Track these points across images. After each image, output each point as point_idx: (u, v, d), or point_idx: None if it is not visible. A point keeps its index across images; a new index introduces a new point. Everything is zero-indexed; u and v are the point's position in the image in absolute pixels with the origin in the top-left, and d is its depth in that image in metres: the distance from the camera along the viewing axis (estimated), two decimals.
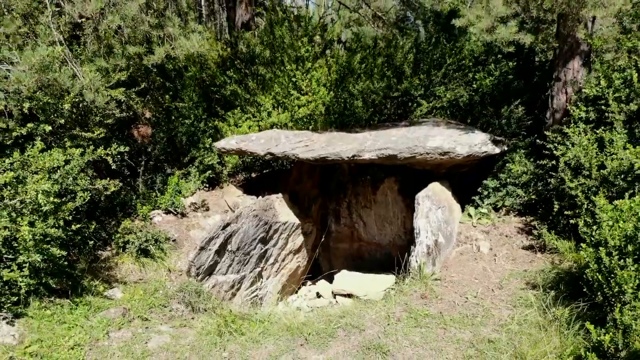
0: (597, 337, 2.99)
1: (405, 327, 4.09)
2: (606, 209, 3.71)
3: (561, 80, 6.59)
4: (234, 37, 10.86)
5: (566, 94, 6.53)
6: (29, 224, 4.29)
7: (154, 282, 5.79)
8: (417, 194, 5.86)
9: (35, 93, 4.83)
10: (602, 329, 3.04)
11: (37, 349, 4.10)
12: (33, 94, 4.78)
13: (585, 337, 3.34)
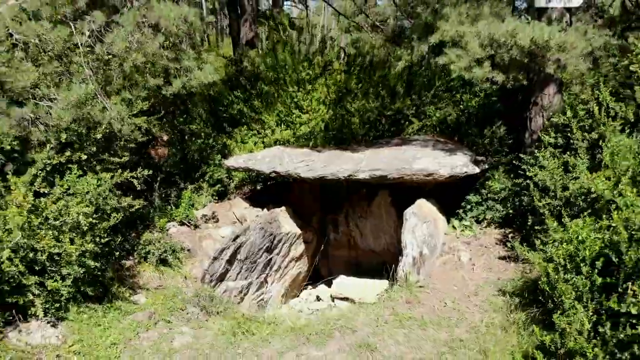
0: (541, 338, 3.72)
1: (391, 328, 4.84)
2: (557, 229, 4.44)
3: (538, 104, 7.32)
4: (238, 55, 11.62)
5: (542, 117, 7.26)
6: (70, 241, 5.04)
7: (172, 288, 6.52)
8: (405, 211, 6.61)
9: (70, 124, 5.57)
10: (545, 331, 3.77)
11: (79, 348, 4.85)
12: (69, 126, 5.53)
13: (535, 338, 4.07)
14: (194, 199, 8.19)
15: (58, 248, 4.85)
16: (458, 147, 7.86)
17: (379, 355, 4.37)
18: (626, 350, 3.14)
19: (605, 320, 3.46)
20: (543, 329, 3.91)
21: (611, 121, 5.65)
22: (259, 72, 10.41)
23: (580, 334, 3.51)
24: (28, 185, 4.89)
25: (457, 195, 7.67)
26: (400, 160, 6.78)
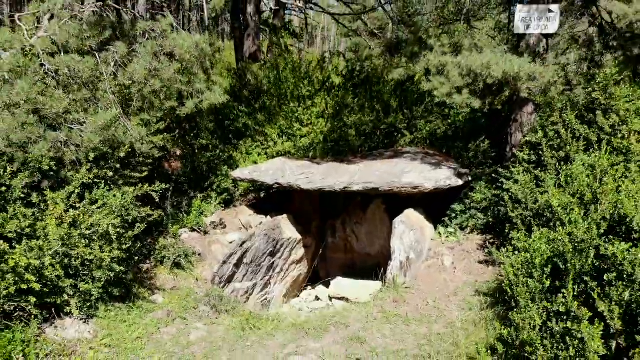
0: (500, 331, 4.47)
1: (379, 324, 5.58)
2: (521, 239, 5.17)
3: (518, 121, 8.06)
4: (242, 69, 12.35)
5: (521, 133, 8.00)
6: (99, 248, 5.79)
7: (185, 289, 7.27)
8: (394, 220, 7.35)
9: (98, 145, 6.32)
10: (504, 326, 4.52)
11: (109, 341, 5.60)
12: (97, 146, 6.27)
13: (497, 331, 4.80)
14: (203, 207, 8.94)
15: (90, 255, 5.61)
16: (445, 160, 8.61)
17: (367, 347, 5.11)
18: (563, 341, 3.88)
19: (553, 316, 4.20)
20: (504, 324, 4.65)
21: (576, 142, 6.40)
22: (262, 86, 11.16)
23: (533, 328, 4.25)
24: (65, 200, 5.64)
25: (443, 204, 8.40)
26: (390, 174, 7.53)
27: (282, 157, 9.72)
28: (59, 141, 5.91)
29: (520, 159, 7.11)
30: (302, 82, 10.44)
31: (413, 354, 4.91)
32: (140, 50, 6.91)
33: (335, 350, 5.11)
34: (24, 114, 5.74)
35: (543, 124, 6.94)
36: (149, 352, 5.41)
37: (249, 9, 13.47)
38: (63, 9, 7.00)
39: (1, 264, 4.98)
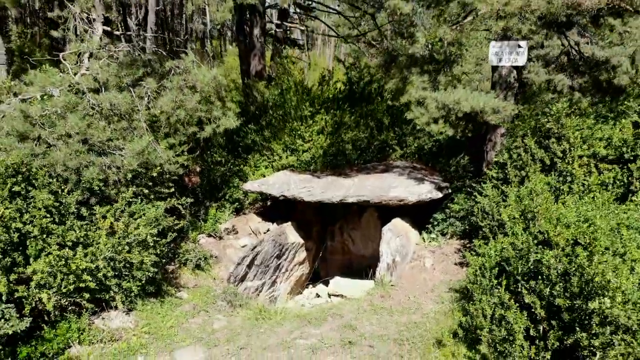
0: (459, 320, 5.72)
1: (368, 315, 6.84)
2: (482, 246, 6.42)
3: (492, 141, 9.30)
4: (249, 86, 13.59)
5: (494, 152, 9.24)
6: (138, 253, 7.06)
7: (205, 287, 8.54)
8: (383, 228, 8.61)
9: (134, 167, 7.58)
10: (463, 315, 5.77)
11: (148, 329, 6.87)
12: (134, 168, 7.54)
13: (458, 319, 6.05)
14: (218, 215, 10.21)
15: (132, 259, 6.88)
16: (430, 174, 9.87)
17: (358, 333, 6.36)
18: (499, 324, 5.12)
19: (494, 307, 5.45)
20: (464, 314, 5.91)
21: (534, 164, 7.64)
22: (267, 103, 12.40)
23: (484, 317, 5.50)
24: (113, 214, 6.93)
25: (428, 213, 9.64)
26: (380, 188, 8.78)
27: (286, 170, 10.98)
28: (105, 165, 7.17)
29: (489, 176, 8.35)
30: (304, 103, 11.69)
31: (394, 338, 6.16)
32: (168, 85, 8.18)
33: (331, 335, 6.36)
34: (76, 143, 7.02)
35: (509, 147, 8.18)
36: (181, 337, 6.67)
37: (255, 31, 14.71)
38: (100, 49, 8.29)
39: (65, 267, 6.25)
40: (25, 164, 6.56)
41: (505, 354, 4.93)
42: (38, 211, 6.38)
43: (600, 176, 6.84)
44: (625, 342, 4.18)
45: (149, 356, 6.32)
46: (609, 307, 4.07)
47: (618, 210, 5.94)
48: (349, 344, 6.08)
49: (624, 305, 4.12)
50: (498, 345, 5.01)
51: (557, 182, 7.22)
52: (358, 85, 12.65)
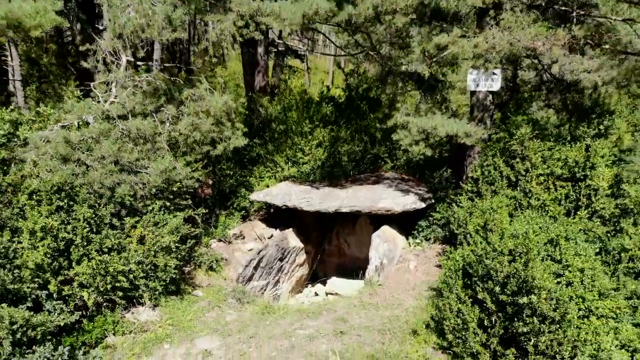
0: (431, 313, 6.95)
1: (357, 310, 8.07)
2: (453, 252, 7.64)
3: (471, 156, 10.53)
4: (253, 100, 14.79)
5: (472, 167, 10.46)
6: (162, 257, 8.30)
7: (217, 286, 9.77)
8: (372, 234, 9.84)
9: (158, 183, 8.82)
10: (434, 309, 6.99)
11: (171, 322, 8.10)
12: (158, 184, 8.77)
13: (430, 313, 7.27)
14: (227, 222, 11.44)
15: (157, 262, 8.13)
16: (416, 185, 11.10)
17: (348, 324, 7.60)
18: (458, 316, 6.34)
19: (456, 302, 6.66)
20: (435, 308, 7.13)
21: (501, 180, 8.86)
22: (270, 117, 13.61)
23: (451, 311, 6.72)
24: (142, 225, 8.18)
25: (414, 220, 10.86)
26: (370, 199, 10.01)
27: (287, 181, 12.21)
28: (133, 182, 8.41)
29: (465, 189, 9.58)
30: (304, 120, 12.92)
31: (378, 329, 7.39)
32: (186, 111, 9.41)
33: (326, 326, 7.60)
34: (109, 164, 8.26)
35: (482, 164, 9.40)
36: (199, 328, 7.92)
37: (259, 50, 15.92)
38: (126, 78, 9.52)
39: (103, 270, 7.49)
40: (67, 182, 7.80)
41: (463, 339, 6.17)
42: (79, 223, 7.62)
43: (555, 193, 8.06)
44: (551, 331, 5.40)
45: (173, 344, 7.56)
46: (536, 302, 5.29)
47: (564, 223, 7.17)
48: (340, 334, 7.31)
49: (548, 301, 5.34)
50: (458, 333, 6.25)
51: (520, 197, 8.44)
52: (357, 92, 13.89)
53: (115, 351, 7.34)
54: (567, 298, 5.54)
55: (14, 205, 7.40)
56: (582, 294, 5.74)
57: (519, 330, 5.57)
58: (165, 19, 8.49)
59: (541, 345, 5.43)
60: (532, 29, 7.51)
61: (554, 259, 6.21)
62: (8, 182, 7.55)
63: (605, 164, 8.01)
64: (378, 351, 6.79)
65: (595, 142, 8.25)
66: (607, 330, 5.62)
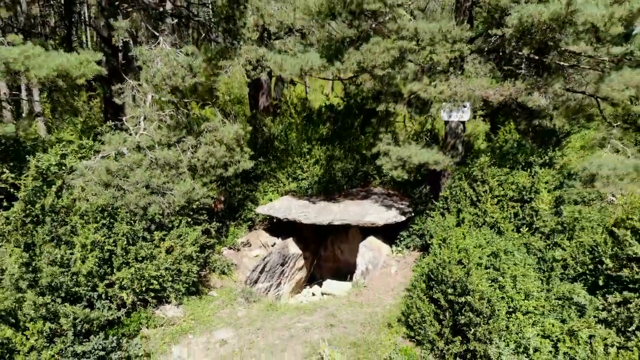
0: (402, 310, 8.74)
1: (345, 307, 9.87)
2: (422, 259, 9.42)
3: (445, 176, 12.31)
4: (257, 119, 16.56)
5: (445, 185, 12.24)
6: (185, 264, 10.12)
7: (229, 288, 11.58)
8: (360, 243, 11.64)
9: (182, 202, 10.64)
10: (404, 306, 8.78)
11: (193, 317, 9.92)
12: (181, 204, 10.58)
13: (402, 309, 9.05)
14: (236, 232, 13.26)
15: (181, 268, 9.95)
16: (399, 199, 12.89)
17: (337, 319, 9.39)
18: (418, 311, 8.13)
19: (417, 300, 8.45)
20: (405, 306, 8.92)
21: (465, 200, 10.65)
22: (273, 136, 15.40)
23: (416, 307, 8.51)
24: (170, 238, 10.00)
25: (397, 231, 12.65)
26: (358, 214, 11.81)
27: (288, 196, 14.01)
28: (161, 202, 10.23)
29: (437, 206, 11.37)
30: (302, 142, 14.72)
31: (361, 322, 9.20)
32: (203, 140, 11.21)
33: (319, 320, 9.41)
34: (142, 188, 10.08)
35: (450, 185, 11.19)
36: (216, 322, 9.74)
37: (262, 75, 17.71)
38: (152, 112, 11.33)
39: (139, 275, 9.31)
40: (109, 204, 9.63)
41: (423, 330, 7.97)
42: (119, 237, 9.45)
43: (506, 212, 9.85)
44: (484, 323, 7.20)
45: (196, 335, 9.39)
46: (471, 301, 7.09)
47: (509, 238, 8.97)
48: (330, 326, 9.13)
49: (481, 301, 7.14)
50: (419, 325, 8.05)
51: (480, 214, 10.23)
52: (355, 100, 15.66)
53: (150, 340, 9.16)
54: (499, 298, 7.34)
55: (68, 224, 9.21)
56: (511, 295, 7.53)
57: (462, 322, 7.37)
58: (187, 67, 10.30)
59: (478, 334, 7.22)
60: (485, 80, 9.29)
61: (495, 267, 8.00)
62: (62, 204, 9.36)
63: (547, 189, 9.79)
64: (359, 339, 8.61)
65: (541, 169, 10.04)
66: (530, 323, 7.41)
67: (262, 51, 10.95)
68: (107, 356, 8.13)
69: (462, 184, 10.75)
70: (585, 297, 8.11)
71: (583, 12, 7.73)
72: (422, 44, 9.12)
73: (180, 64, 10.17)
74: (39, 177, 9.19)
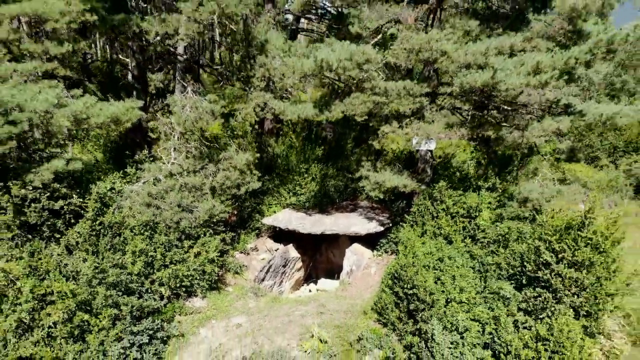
0: (375, 301, 11.57)
1: (333, 300, 12.74)
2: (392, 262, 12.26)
3: (417, 194, 15.17)
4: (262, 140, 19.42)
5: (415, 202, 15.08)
6: (208, 265, 13.02)
7: (241, 285, 14.46)
8: (346, 249, 14.51)
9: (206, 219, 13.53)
10: (377, 298, 11.62)
11: (215, 307, 12.82)
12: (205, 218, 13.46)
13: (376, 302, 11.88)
14: (246, 239, 16.15)
15: (206, 269, 12.85)
16: (381, 212, 15.74)
17: (326, 308, 12.24)
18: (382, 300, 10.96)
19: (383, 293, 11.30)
20: (377, 298, 11.76)
21: (427, 214, 13.47)
22: (276, 155, 18.27)
23: (383, 299, 11.35)
24: (197, 245, 12.91)
25: (378, 238, 15.49)
26: (345, 225, 14.67)
27: (289, 208, 16.88)
28: (190, 218, 13.12)
29: (407, 219, 14.22)
30: (301, 163, 17.60)
31: (344, 310, 12.05)
32: (221, 167, 14.10)
33: (312, 310, 12.27)
34: (175, 207, 12.97)
35: (417, 202, 14.03)
36: (232, 311, 12.63)
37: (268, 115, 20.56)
38: (180, 145, 14.22)
39: (174, 274, 12.21)
40: (150, 220, 12.52)
41: (387, 315, 10.83)
42: (158, 245, 12.34)
43: (456, 226, 12.69)
44: (427, 309, 10.05)
45: (217, 320, 12.27)
46: (417, 293, 9.94)
47: (456, 247, 11.82)
48: (320, 313, 12.00)
49: (425, 293, 9.99)
50: (385, 311, 10.91)
51: (436, 228, 13.08)
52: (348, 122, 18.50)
53: (182, 324, 12.05)
54: (439, 292, 10.19)
55: (121, 236, 12.11)
56: (449, 289, 10.37)
57: (412, 309, 10.24)
58: (210, 112, 13.19)
59: (424, 317, 10.07)
60: (438, 126, 12.12)
61: (440, 269, 10.85)
62: (115, 221, 12.25)
63: (489, 208, 12.63)
64: (342, 323, 11.48)
65: (486, 192, 12.88)
66: (463, 310, 10.25)
67: (268, 96, 13.84)
68: (154, 334, 11.02)
69: (425, 202, 13.60)
70: (510, 292, 10.95)
71: (505, 82, 10.56)
72: (391, 99, 11.97)
73: (205, 109, 13.06)
74: (98, 200, 12.06)
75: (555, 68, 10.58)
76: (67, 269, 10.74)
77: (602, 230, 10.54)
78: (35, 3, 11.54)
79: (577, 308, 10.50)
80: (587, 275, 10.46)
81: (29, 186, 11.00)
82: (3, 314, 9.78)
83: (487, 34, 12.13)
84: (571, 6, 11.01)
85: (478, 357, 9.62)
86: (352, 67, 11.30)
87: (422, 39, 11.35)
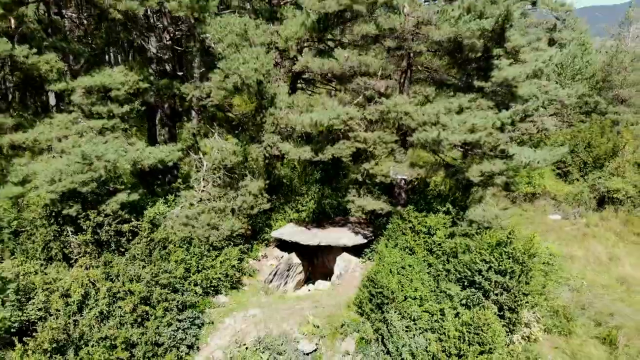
0: (358, 297, 15.59)
1: (325, 297, 16.74)
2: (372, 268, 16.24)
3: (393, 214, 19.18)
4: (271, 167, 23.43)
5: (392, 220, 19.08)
6: (231, 270, 17.10)
7: (255, 285, 18.47)
8: (338, 257, 18.54)
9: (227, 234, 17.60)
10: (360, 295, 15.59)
11: (236, 302, 16.87)
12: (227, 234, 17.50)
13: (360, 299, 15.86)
14: (257, 248, 20.19)
15: (229, 273, 16.91)
16: (366, 226, 19.76)
17: (320, 303, 16.20)
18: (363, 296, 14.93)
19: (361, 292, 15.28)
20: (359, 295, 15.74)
21: (399, 231, 17.45)
22: (281, 177, 22.28)
23: (362, 296, 15.34)
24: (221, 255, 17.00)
25: (363, 248, 19.45)
26: (336, 238, 18.68)
27: (292, 223, 20.89)
28: (216, 234, 17.16)
29: (385, 234, 18.20)
30: (302, 185, 21.62)
31: (333, 304, 16.03)
32: (239, 193, 18.13)
33: (309, 304, 16.27)
34: (205, 225, 17.02)
35: (392, 220, 17.99)
36: (249, 305, 16.66)
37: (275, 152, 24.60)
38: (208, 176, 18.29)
39: (206, 276, 16.27)
40: (187, 236, 16.57)
41: (364, 307, 14.83)
42: (193, 255, 16.39)
43: (419, 241, 16.66)
44: (391, 303, 14.04)
45: (237, 312, 16.31)
46: (383, 291, 13.92)
47: (416, 257, 15.83)
48: (315, 307, 16.01)
49: (388, 291, 13.96)
50: (362, 304, 14.92)
51: (404, 242, 17.06)
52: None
53: (212, 315, 16.09)
54: (399, 290, 14.15)
55: (166, 248, 16.16)
56: (407, 289, 14.33)
57: (379, 303, 14.24)
58: (232, 152, 17.22)
59: (387, 309, 14.05)
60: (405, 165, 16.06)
61: (401, 274, 14.81)
62: (162, 237, 16.29)
63: (445, 226, 16.60)
64: (331, 314, 15.50)
65: (442, 214, 16.87)
66: (417, 304, 14.21)
67: (276, 139, 17.87)
68: (193, 321, 15.08)
69: (398, 221, 17.60)
70: (455, 291, 14.96)
71: (448, 139, 14.54)
72: (369, 145, 15.98)
73: (228, 150, 17.09)
74: (149, 221, 16.12)
75: (486, 128, 14.56)
76: (131, 273, 14.80)
77: (520, 247, 14.54)
78: (102, 77, 15.60)
79: (502, 304, 14.52)
80: (509, 280, 14.45)
81: (101, 214, 15.07)
82: (89, 307, 13.87)
83: (441, 96, 16.14)
84: (505, 77, 15.00)
85: (425, 337, 13.62)
86: (339, 123, 15.33)
87: (390, 103, 15.37)
